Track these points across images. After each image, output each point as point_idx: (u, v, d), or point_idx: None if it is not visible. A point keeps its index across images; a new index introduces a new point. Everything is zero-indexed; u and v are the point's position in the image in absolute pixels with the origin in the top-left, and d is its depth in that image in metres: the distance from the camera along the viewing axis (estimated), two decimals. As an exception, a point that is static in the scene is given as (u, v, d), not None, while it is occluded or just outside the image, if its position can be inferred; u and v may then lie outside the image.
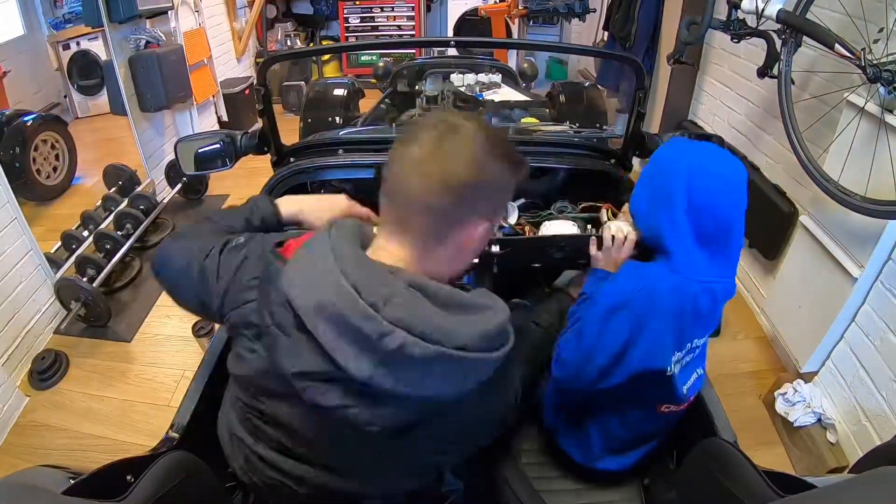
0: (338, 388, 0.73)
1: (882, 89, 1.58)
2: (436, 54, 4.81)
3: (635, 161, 1.64)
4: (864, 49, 1.56)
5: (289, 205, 1.12)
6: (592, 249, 1.23)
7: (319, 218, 1.10)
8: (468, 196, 0.76)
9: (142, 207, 3.20)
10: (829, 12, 1.87)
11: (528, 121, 2.36)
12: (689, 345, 1.11)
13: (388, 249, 0.79)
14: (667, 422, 1.22)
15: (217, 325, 1.40)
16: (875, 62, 1.54)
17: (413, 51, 5.25)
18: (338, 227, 0.78)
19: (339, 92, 3.09)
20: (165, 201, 3.44)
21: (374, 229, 0.83)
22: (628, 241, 1.18)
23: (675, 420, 1.21)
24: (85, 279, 2.59)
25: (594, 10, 3.98)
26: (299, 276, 0.73)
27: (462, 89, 2.35)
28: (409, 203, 0.76)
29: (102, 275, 2.68)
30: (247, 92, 4.59)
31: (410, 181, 0.75)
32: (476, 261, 1.21)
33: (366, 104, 3.30)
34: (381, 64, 3.19)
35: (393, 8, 5.71)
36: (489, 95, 2.53)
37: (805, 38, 1.87)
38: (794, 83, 1.98)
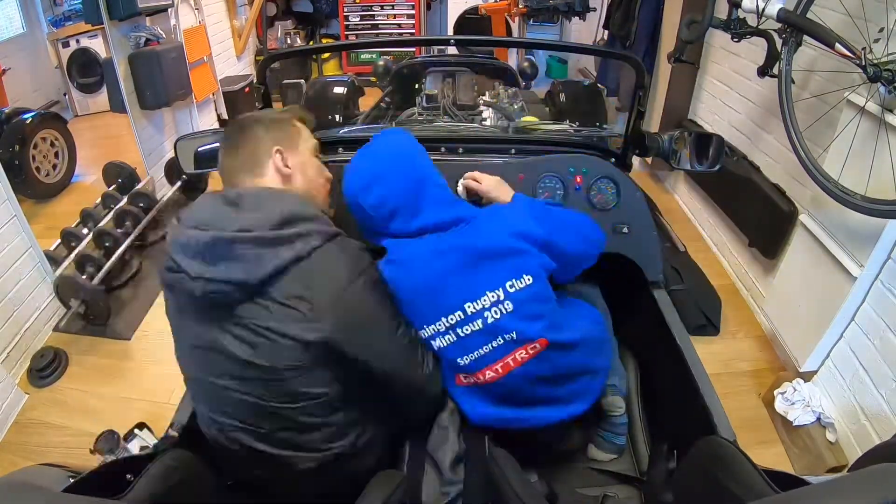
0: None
1: (882, 89, 1.58)
2: (436, 53, 4.81)
3: (635, 160, 1.64)
4: (864, 48, 1.56)
5: None
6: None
7: None
8: (250, 139, 1.13)
9: (141, 205, 3.19)
10: (829, 12, 1.87)
11: (528, 119, 2.35)
12: (458, 313, 1.12)
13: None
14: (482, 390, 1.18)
15: None
16: (875, 61, 1.54)
17: (413, 49, 5.26)
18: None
19: (338, 90, 3.09)
20: (165, 199, 3.44)
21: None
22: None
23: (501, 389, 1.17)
24: (84, 277, 2.59)
25: (594, 9, 3.98)
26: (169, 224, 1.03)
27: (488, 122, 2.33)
28: (228, 176, 1.14)
29: (102, 272, 2.68)
30: (247, 90, 4.59)
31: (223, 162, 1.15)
32: None
33: (366, 102, 3.29)
34: (381, 62, 3.18)
35: (393, 6, 5.70)
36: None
37: (806, 37, 1.87)
38: (794, 82, 1.98)
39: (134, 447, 1.85)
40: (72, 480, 0.88)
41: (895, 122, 1.60)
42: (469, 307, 1.11)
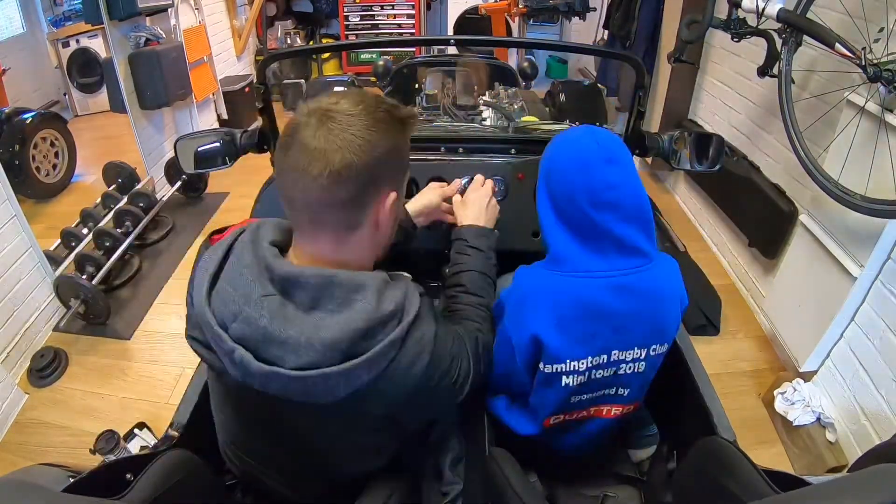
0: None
1: (882, 89, 1.58)
2: (436, 53, 4.81)
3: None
4: (864, 48, 1.56)
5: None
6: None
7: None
8: (367, 178, 0.76)
9: (141, 205, 3.19)
10: (829, 12, 1.87)
11: (528, 119, 2.35)
12: (603, 356, 1.02)
13: (303, 251, 0.82)
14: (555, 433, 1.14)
15: None
16: (875, 61, 1.54)
17: (413, 49, 5.25)
18: (249, 229, 0.84)
19: (338, 90, 3.08)
20: (165, 199, 3.44)
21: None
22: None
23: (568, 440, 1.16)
24: (84, 277, 2.59)
25: (594, 9, 3.98)
26: (195, 278, 0.82)
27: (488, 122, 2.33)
28: (309, 207, 0.77)
29: (102, 272, 2.68)
30: (247, 90, 4.59)
31: (303, 185, 0.74)
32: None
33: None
34: (381, 62, 3.18)
35: (393, 6, 5.70)
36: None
37: (805, 37, 1.87)
38: (794, 82, 1.98)
39: (134, 447, 1.85)
40: (72, 480, 0.88)
41: (895, 122, 1.60)
42: (615, 354, 1.03)
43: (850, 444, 1.82)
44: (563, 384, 1.03)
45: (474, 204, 1.25)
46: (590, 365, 1.02)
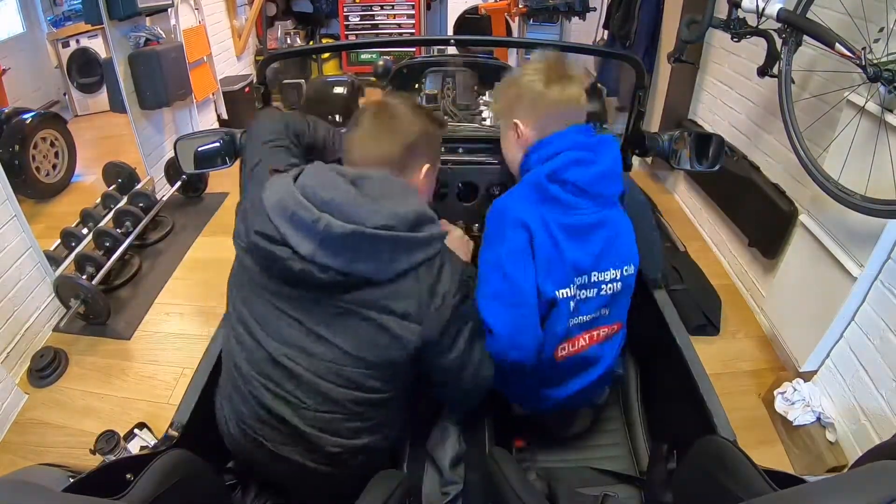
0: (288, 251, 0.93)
1: (882, 88, 1.58)
2: (436, 53, 4.81)
3: (635, 160, 1.64)
4: (864, 48, 1.56)
5: None
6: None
7: None
8: (414, 147, 1.12)
9: (141, 205, 3.19)
10: (829, 12, 1.87)
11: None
12: (583, 276, 1.18)
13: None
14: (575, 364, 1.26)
15: None
16: (875, 61, 1.54)
17: (413, 49, 5.25)
18: (314, 163, 1.03)
19: (338, 90, 3.09)
20: (165, 199, 3.44)
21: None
22: None
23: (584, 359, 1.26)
24: (84, 277, 2.59)
25: (594, 9, 3.97)
26: (271, 184, 0.97)
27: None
28: (366, 161, 1.09)
29: (102, 272, 2.68)
30: (247, 90, 4.58)
31: (368, 146, 1.11)
32: None
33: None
34: (380, 62, 3.18)
35: (393, 6, 5.69)
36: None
37: (805, 37, 1.87)
38: (794, 82, 1.98)
39: (134, 447, 1.85)
40: (72, 480, 0.88)
41: (895, 122, 1.60)
42: (595, 276, 1.20)
43: (850, 444, 1.82)
44: (566, 306, 1.17)
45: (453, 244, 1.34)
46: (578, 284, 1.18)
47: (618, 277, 1.22)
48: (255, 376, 1.03)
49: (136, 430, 1.92)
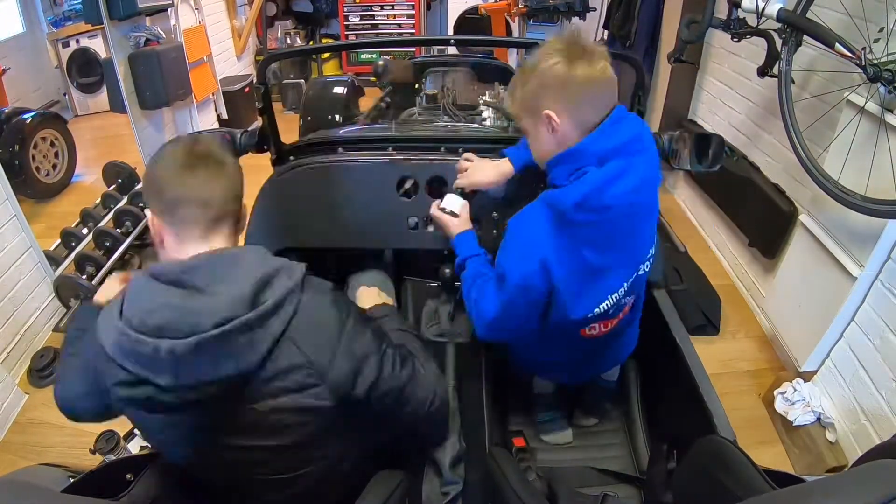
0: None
1: (882, 89, 1.58)
2: (436, 53, 4.81)
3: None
4: (864, 48, 1.56)
5: None
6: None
7: None
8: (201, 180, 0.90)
9: (141, 205, 3.19)
10: (829, 12, 1.87)
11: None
12: (618, 292, 1.16)
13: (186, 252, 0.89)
14: (596, 342, 1.25)
15: None
16: (875, 61, 1.54)
17: (413, 49, 5.25)
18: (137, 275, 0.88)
19: (338, 90, 3.08)
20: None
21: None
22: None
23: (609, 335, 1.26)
24: (84, 277, 2.59)
25: (594, 9, 3.97)
26: (99, 327, 0.85)
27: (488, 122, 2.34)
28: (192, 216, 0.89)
29: (102, 272, 2.68)
30: (246, 90, 4.58)
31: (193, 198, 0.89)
32: None
33: (365, 102, 3.29)
34: (380, 62, 3.18)
35: (393, 6, 5.69)
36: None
37: (805, 37, 1.87)
38: (794, 82, 1.98)
39: (134, 447, 1.85)
40: (72, 480, 0.88)
41: (895, 122, 1.60)
42: (643, 266, 1.20)
43: (850, 444, 1.82)
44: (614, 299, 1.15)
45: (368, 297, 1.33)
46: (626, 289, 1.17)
47: (647, 267, 1.22)
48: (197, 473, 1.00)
49: (135, 431, 1.91)
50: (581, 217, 1.03)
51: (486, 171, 1.36)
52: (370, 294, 1.32)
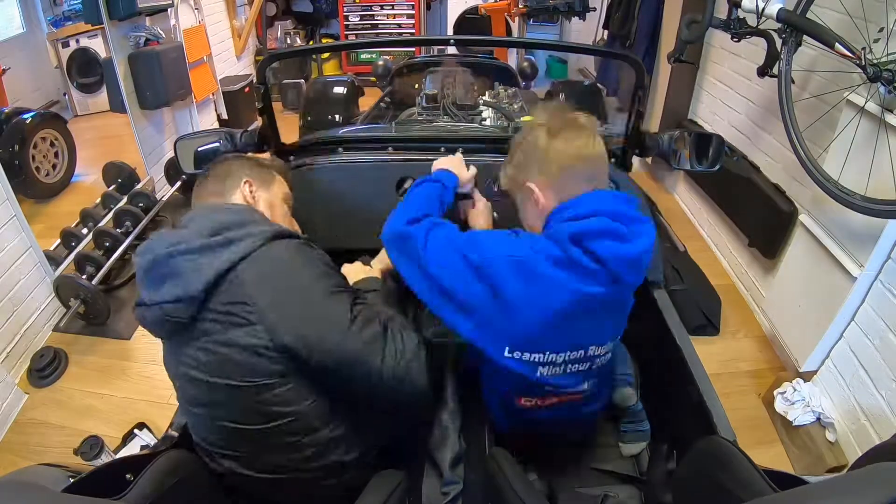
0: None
1: (882, 89, 1.58)
2: (436, 53, 4.81)
3: (635, 160, 1.64)
4: (864, 48, 1.56)
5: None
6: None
7: None
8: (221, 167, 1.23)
9: (141, 205, 3.19)
10: (829, 12, 1.87)
11: (528, 119, 2.35)
12: (577, 351, 1.05)
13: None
14: (535, 418, 1.17)
15: None
16: (875, 61, 1.54)
17: (413, 49, 5.25)
18: None
19: (338, 90, 3.09)
20: (165, 199, 3.43)
21: None
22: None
23: (550, 417, 1.17)
24: (84, 277, 2.59)
25: (594, 9, 3.98)
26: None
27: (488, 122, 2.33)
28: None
29: (102, 272, 2.68)
30: (246, 90, 4.59)
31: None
32: None
33: (365, 102, 3.29)
34: (380, 62, 3.18)
35: (393, 6, 5.70)
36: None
37: (805, 37, 1.87)
38: (794, 82, 1.98)
39: (134, 447, 1.85)
40: (72, 480, 0.88)
41: (895, 122, 1.60)
42: (592, 349, 1.07)
43: (850, 444, 1.82)
44: (538, 374, 1.05)
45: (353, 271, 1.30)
46: (567, 358, 1.05)
47: (611, 349, 1.12)
48: (199, 441, 1.06)
49: (135, 431, 1.92)
50: (576, 253, 0.95)
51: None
52: (354, 269, 1.30)
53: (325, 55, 5.80)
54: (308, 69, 5.62)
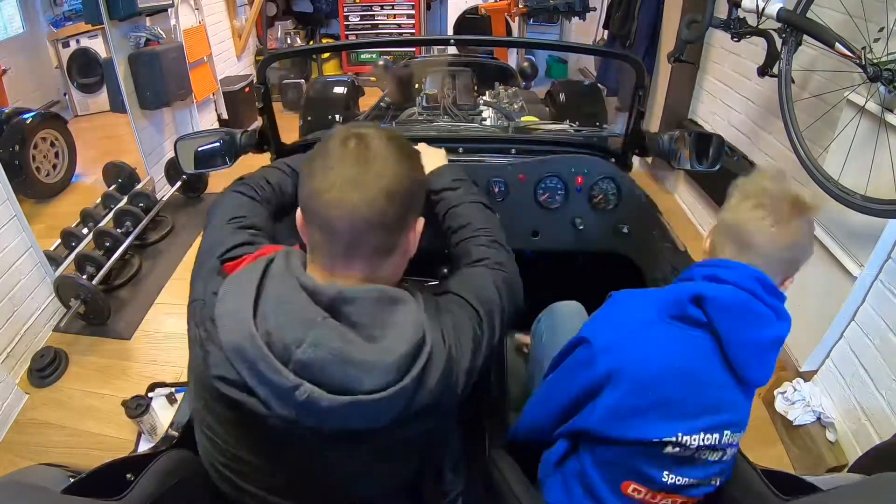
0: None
1: (882, 88, 1.58)
2: (436, 53, 4.81)
3: (635, 160, 1.63)
4: (864, 48, 1.56)
5: None
6: None
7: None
8: (408, 198, 0.77)
9: (141, 205, 3.19)
10: (829, 11, 1.87)
11: (528, 119, 2.35)
12: (706, 434, 0.88)
13: (332, 276, 0.77)
14: None
15: None
16: (875, 61, 1.54)
17: (413, 49, 5.26)
18: (280, 256, 0.77)
19: (338, 90, 3.08)
20: (165, 199, 3.44)
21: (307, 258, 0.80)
22: None
23: None
24: (84, 277, 2.59)
25: (594, 9, 3.98)
26: (224, 308, 0.73)
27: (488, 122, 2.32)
28: (354, 226, 0.73)
29: (102, 272, 2.68)
30: (247, 90, 4.59)
31: (350, 203, 0.72)
32: None
33: (365, 102, 3.29)
34: (380, 62, 3.18)
35: (393, 6, 5.70)
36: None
37: (805, 36, 1.87)
38: (794, 82, 1.98)
39: (157, 403, 1.98)
40: (72, 480, 0.88)
41: (895, 122, 1.60)
42: (727, 435, 0.90)
43: (850, 444, 1.82)
44: (664, 451, 0.89)
45: (427, 156, 1.15)
46: (701, 443, 0.88)
47: (737, 442, 0.93)
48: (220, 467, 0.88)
49: (150, 394, 2.03)
50: (693, 313, 0.87)
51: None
52: (436, 155, 1.23)
53: (326, 55, 5.80)
54: (308, 69, 5.62)
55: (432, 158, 1.22)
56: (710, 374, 0.87)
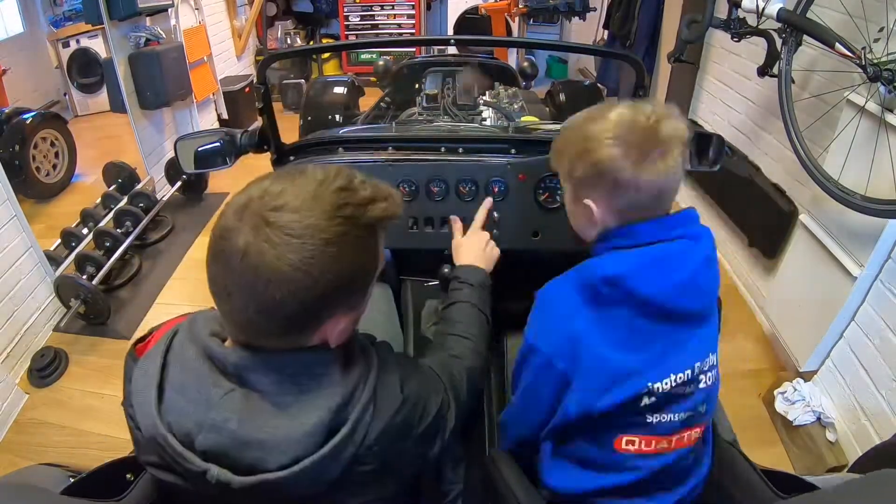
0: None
1: (882, 88, 1.58)
2: (436, 53, 4.81)
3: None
4: (864, 48, 1.56)
5: None
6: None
7: None
8: (312, 308, 0.66)
9: (141, 205, 3.20)
10: (829, 11, 1.87)
11: (528, 119, 2.35)
12: (676, 375, 0.87)
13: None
14: (636, 466, 0.92)
15: None
16: (875, 61, 1.54)
17: (413, 49, 5.26)
18: (183, 328, 0.74)
19: (339, 90, 3.09)
20: (165, 199, 3.44)
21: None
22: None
23: (657, 466, 0.92)
24: (84, 277, 2.59)
25: (594, 9, 3.98)
26: (136, 400, 0.71)
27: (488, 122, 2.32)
28: (241, 328, 0.69)
29: (102, 272, 2.68)
30: (247, 90, 4.59)
31: (231, 308, 0.66)
32: None
33: (366, 102, 3.30)
34: (381, 62, 3.18)
35: (393, 6, 5.70)
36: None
37: (805, 37, 1.87)
38: (794, 82, 1.98)
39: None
40: (72, 480, 0.88)
41: (895, 122, 1.60)
42: (696, 366, 0.89)
43: (850, 444, 1.82)
44: (641, 404, 0.88)
45: (472, 248, 1.26)
46: (674, 383, 0.88)
47: (715, 362, 0.93)
48: None
49: None
50: (608, 292, 0.86)
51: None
52: (472, 245, 1.25)
53: (326, 55, 5.81)
54: (308, 69, 5.62)
55: (467, 254, 1.24)
56: (652, 331, 0.87)
